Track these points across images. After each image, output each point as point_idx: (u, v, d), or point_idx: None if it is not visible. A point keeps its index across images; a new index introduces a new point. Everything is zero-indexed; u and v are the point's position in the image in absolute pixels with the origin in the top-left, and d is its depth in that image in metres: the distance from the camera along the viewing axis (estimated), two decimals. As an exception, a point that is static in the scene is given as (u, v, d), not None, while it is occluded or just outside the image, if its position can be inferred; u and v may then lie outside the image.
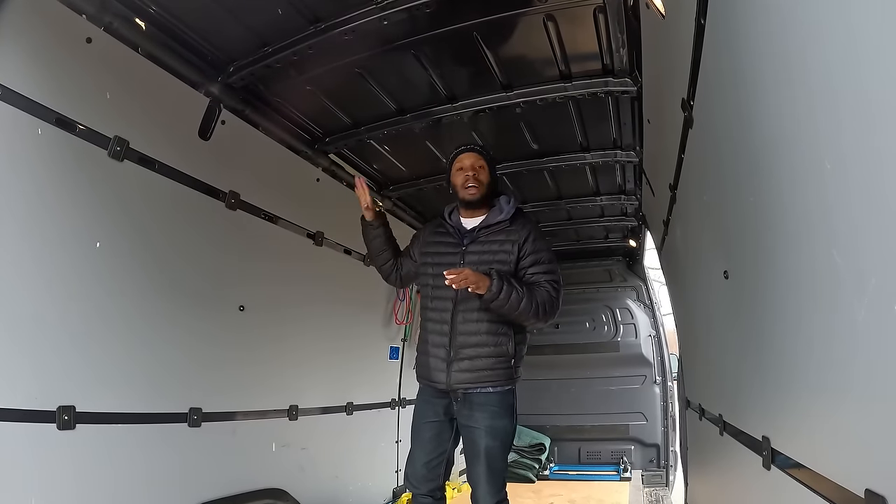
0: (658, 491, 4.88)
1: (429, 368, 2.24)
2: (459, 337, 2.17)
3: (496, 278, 2.04)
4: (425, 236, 2.39)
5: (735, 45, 1.23)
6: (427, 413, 2.26)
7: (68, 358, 1.95)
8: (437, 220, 2.41)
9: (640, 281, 5.55)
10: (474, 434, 2.17)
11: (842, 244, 0.89)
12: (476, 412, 2.17)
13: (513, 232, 2.21)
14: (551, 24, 2.21)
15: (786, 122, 1.04)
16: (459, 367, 2.16)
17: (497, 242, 2.20)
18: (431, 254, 2.30)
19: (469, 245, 2.22)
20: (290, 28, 2.24)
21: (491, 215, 2.26)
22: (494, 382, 2.18)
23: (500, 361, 2.18)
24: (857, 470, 0.93)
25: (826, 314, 1.00)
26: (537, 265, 2.19)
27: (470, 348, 2.16)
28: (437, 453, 2.23)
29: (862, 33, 0.73)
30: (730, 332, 1.91)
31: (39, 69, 1.82)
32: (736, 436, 1.91)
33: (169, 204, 2.36)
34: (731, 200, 1.56)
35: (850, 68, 0.77)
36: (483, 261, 2.17)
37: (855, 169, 0.81)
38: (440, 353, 2.20)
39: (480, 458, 2.14)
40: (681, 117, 1.83)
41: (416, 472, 2.24)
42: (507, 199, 2.29)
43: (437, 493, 2.25)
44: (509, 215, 2.23)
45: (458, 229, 2.29)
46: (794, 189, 1.06)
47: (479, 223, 2.26)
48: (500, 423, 2.18)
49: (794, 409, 1.27)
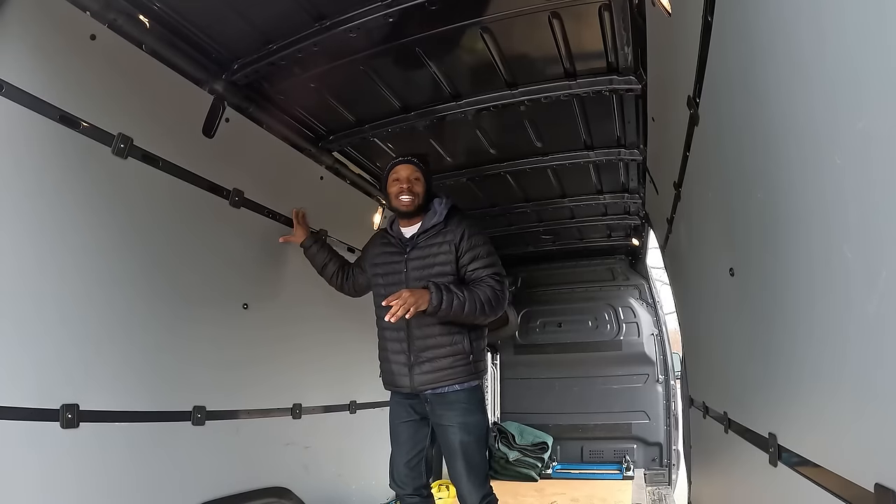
0: (661, 489, 4.88)
1: (392, 374, 2.32)
2: (417, 341, 2.24)
3: (434, 291, 2.11)
4: (371, 248, 2.52)
5: (743, 43, 1.23)
6: (401, 413, 2.34)
7: (71, 356, 1.94)
8: (380, 232, 2.54)
9: (642, 279, 5.54)
10: (448, 432, 2.23)
11: (851, 240, 0.88)
12: (447, 411, 2.24)
13: (448, 232, 2.28)
14: (556, 21, 2.20)
15: (794, 118, 1.03)
16: (421, 369, 2.24)
17: (435, 245, 2.28)
18: (379, 264, 2.41)
19: (410, 252, 2.31)
20: (295, 25, 2.23)
21: (426, 220, 2.35)
22: (458, 380, 2.24)
23: (459, 359, 2.24)
24: (865, 465, 0.93)
25: (834, 309, 1.00)
26: (476, 260, 2.26)
27: (428, 350, 2.24)
28: (416, 451, 2.31)
29: (871, 30, 0.73)
30: (735, 330, 1.90)
31: (43, 66, 1.81)
32: (741, 433, 1.91)
33: (172, 201, 2.36)
34: (737, 197, 1.55)
35: (860, 65, 0.77)
36: (425, 265, 2.25)
37: (863, 165, 0.81)
38: (400, 358, 2.28)
39: (457, 455, 2.20)
40: (686, 115, 1.82)
41: (399, 473, 2.31)
42: (439, 201, 2.37)
43: (423, 492, 2.32)
44: (443, 216, 2.31)
45: (400, 238, 2.39)
46: (802, 185, 1.06)
47: (417, 229, 2.35)
48: (472, 419, 2.25)
49: (802, 406, 1.27)
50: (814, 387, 1.18)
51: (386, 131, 3.04)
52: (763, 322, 1.51)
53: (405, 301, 2.06)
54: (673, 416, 5.20)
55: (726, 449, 2.25)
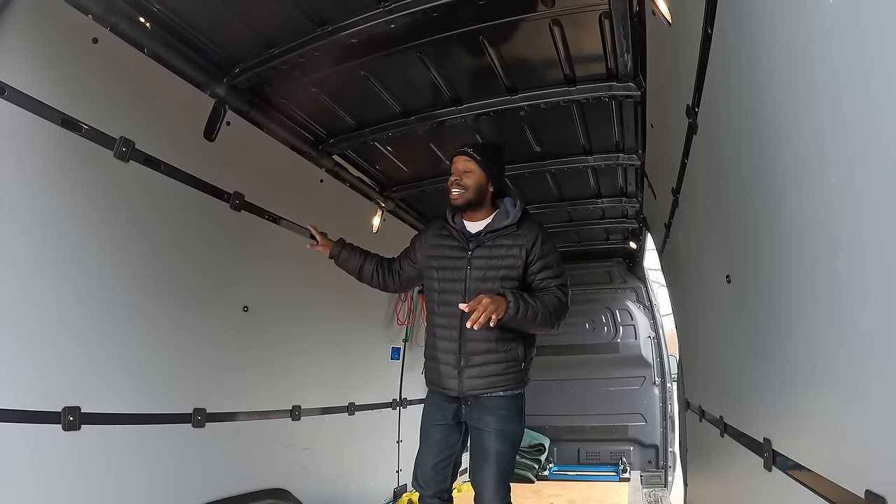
0: (657, 491, 4.91)
1: (440, 375, 2.20)
2: (469, 344, 2.13)
3: (512, 300, 1.99)
4: (427, 238, 2.33)
5: (742, 55, 1.24)
6: (436, 416, 2.24)
7: (73, 359, 1.95)
8: (438, 223, 2.34)
9: (639, 282, 5.57)
10: (484, 437, 2.14)
11: (846, 249, 0.90)
12: (486, 415, 2.15)
13: (520, 236, 2.16)
14: (557, 28, 2.22)
15: (792, 130, 1.05)
16: (471, 373, 2.13)
17: (504, 247, 2.15)
18: (436, 257, 2.25)
19: (475, 249, 2.17)
20: (297, 30, 2.24)
21: (496, 219, 2.21)
22: (506, 387, 2.16)
23: (511, 366, 2.16)
24: (857, 471, 0.95)
25: (828, 318, 1.02)
26: (546, 269, 2.16)
27: (480, 355, 2.13)
28: (446, 455, 2.21)
29: (869, 43, 0.74)
30: (731, 335, 1.92)
31: (45, 69, 1.82)
32: (737, 437, 1.93)
33: (174, 205, 2.37)
34: (734, 205, 1.57)
35: (857, 79, 0.78)
36: (490, 266, 2.13)
37: (860, 177, 0.83)
38: (450, 359, 2.16)
39: (490, 462, 2.12)
40: (685, 123, 1.84)
41: (424, 474, 2.22)
42: (512, 202, 2.24)
43: (444, 495, 2.24)
44: (516, 219, 2.18)
45: (463, 233, 2.23)
46: (798, 196, 1.08)
47: (484, 227, 2.21)
48: (511, 427, 2.16)
49: (796, 411, 1.29)
50: (808, 393, 1.20)
51: (386, 135, 3.05)
52: (758, 329, 1.53)
53: (486, 308, 1.91)
54: (669, 418, 5.23)
55: (721, 452, 2.27)
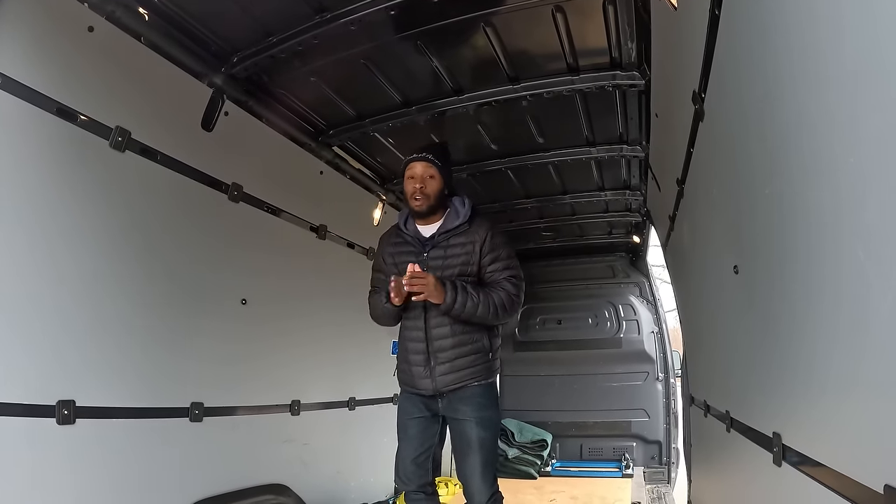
0: (660, 487, 4.88)
1: (411, 376, 2.26)
2: (436, 341, 2.19)
3: (449, 290, 2.09)
4: (385, 249, 2.37)
5: (751, 36, 1.20)
6: (411, 410, 2.29)
7: (68, 352, 1.93)
8: (391, 231, 2.41)
9: (643, 277, 5.52)
10: (464, 426, 2.20)
11: (865, 239, 0.87)
12: (463, 405, 2.20)
13: (471, 233, 2.23)
14: (560, 15, 2.18)
15: (807, 113, 1.01)
16: (441, 370, 2.19)
17: (458, 245, 2.22)
18: (396, 264, 2.30)
19: (430, 251, 2.23)
20: (296, 18, 2.21)
21: (448, 220, 2.27)
22: (478, 377, 2.22)
23: (480, 357, 2.22)
24: (875, 465, 0.91)
25: (844, 308, 0.98)
26: (496, 262, 2.23)
27: (448, 350, 2.19)
28: (425, 448, 2.26)
29: (883, 23, 0.70)
30: (739, 328, 1.89)
31: (40, 58, 1.79)
32: (744, 432, 1.89)
33: (171, 196, 2.34)
34: (743, 194, 1.53)
35: (871, 59, 0.75)
36: (447, 265, 2.20)
37: (874, 163, 0.79)
38: (420, 360, 2.22)
39: (474, 449, 2.17)
40: (691, 110, 1.80)
41: (405, 469, 2.25)
42: (461, 201, 2.30)
43: (427, 489, 2.28)
44: (466, 217, 2.25)
45: (417, 238, 2.29)
46: (809, 183, 1.04)
47: (436, 229, 2.27)
48: (488, 414, 2.22)
49: (807, 405, 1.25)
50: (821, 386, 1.16)
51: (386, 126, 3.02)
52: (768, 320, 1.49)
53: (427, 285, 2.06)
54: (672, 414, 5.20)
55: (728, 448, 2.24)
